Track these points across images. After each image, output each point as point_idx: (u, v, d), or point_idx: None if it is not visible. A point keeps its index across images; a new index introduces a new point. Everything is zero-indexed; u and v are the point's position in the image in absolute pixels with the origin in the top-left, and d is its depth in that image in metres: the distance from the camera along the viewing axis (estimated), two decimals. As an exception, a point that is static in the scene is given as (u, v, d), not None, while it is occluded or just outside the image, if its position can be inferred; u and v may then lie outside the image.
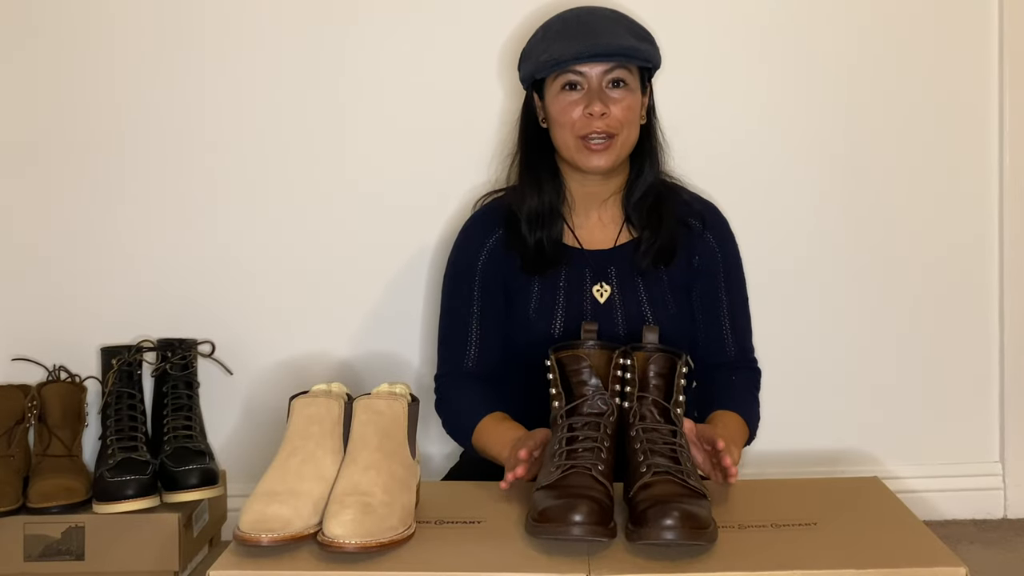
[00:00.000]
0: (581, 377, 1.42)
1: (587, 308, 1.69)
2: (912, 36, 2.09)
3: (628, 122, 1.65)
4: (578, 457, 1.34)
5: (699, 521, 1.24)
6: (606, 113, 1.62)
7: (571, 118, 1.63)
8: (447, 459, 2.01)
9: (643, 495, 1.29)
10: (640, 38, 1.67)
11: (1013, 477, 2.14)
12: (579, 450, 1.35)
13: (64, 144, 2.08)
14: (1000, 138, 2.10)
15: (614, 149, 1.64)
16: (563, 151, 1.68)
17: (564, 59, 1.62)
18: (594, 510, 1.25)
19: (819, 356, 2.13)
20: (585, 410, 1.40)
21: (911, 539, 1.32)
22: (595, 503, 1.26)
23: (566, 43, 1.62)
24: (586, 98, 1.62)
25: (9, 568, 1.72)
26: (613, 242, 1.73)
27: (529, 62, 1.69)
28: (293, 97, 2.07)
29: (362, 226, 2.09)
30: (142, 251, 2.09)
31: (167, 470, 1.79)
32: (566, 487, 1.30)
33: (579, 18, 1.67)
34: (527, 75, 1.70)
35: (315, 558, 1.27)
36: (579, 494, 1.28)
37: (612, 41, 1.61)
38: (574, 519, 1.24)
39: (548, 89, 1.67)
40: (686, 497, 1.27)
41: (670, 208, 1.72)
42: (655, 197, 1.72)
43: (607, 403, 1.40)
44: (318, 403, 1.42)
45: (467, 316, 1.73)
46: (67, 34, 2.06)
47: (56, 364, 1.99)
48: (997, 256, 2.12)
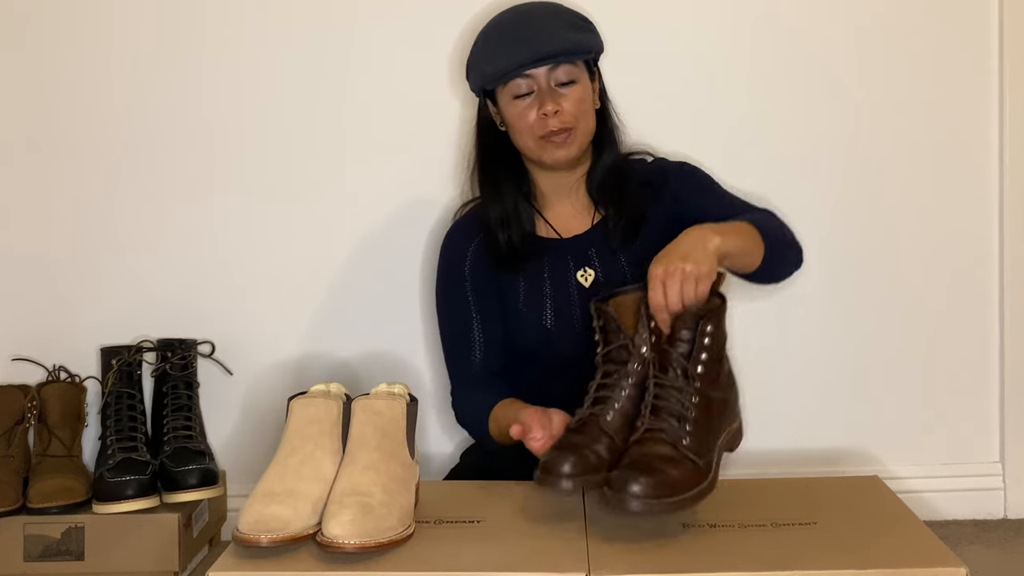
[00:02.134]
0: (616, 324, 1.44)
1: (574, 295, 1.70)
2: (912, 36, 2.09)
3: (582, 113, 1.66)
4: (598, 403, 1.40)
5: (671, 490, 1.27)
6: (559, 110, 1.63)
7: (527, 123, 1.65)
8: (447, 459, 2.01)
9: (630, 452, 1.32)
10: (578, 29, 1.67)
11: (1013, 477, 2.14)
12: (602, 396, 1.40)
13: (64, 144, 2.08)
14: (1000, 138, 2.10)
15: (575, 140, 1.66)
16: (526, 152, 1.70)
17: (508, 68, 1.63)
18: (584, 463, 1.31)
19: (819, 356, 2.13)
20: (615, 357, 1.43)
21: (911, 539, 1.33)
22: (584, 458, 1.32)
23: (507, 52, 1.63)
24: (538, 100, 1.64)
25: (9, 568, 1.72)
26: (589, 225, 1.74)
27: (475, 74, 1.70)
28: (292, 97, 2.07)
29: (360, 226, 2.09)
30: (142, 251, 2.09)
31: (167, 470, 1.79)
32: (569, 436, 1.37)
33: (515, 23, 1.67)
34: (476, 87, 1.72)
35: (314, 558, 1.28)
36: (574, 446, 1.34)
37: (552, 42, 1.62)
38: (563, 471, 1.31)
39: (500, 97, 1.68)
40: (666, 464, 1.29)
41: (631, 182, 1.73)
42: (616, 176, 1.73)
43: (633, 353, 1.41)
44: (317, 403, 1.42)
45: (468, 322, 1.74)
46: (67, 35, 2.06)
47: (56, 364, 1.99)
48: (997, 256, 2.12)
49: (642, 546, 1.30)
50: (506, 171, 1.74)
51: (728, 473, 1.91)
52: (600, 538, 1.33)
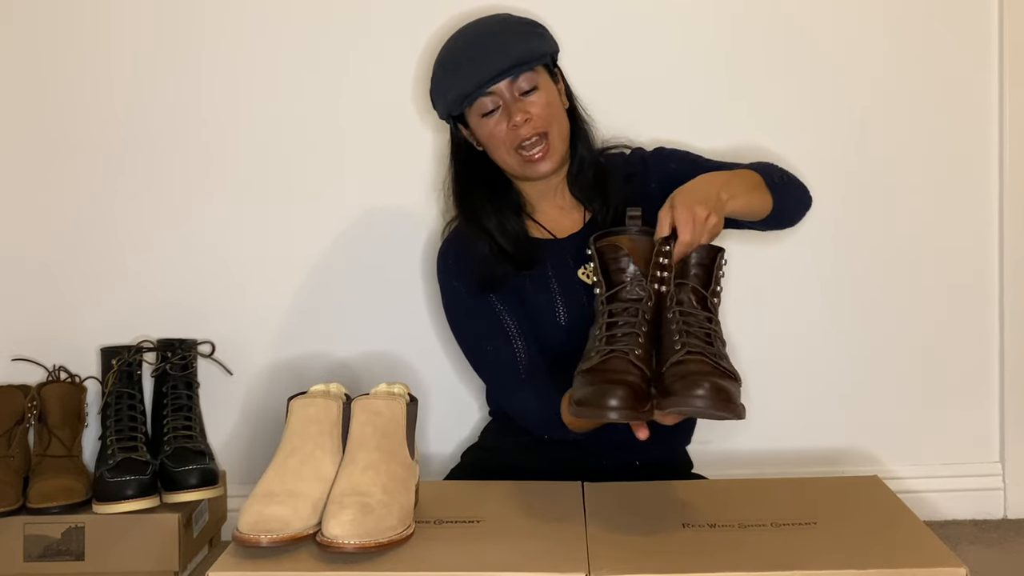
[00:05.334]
0: (619, 265, 1.45)
1: (580, 292, 1.70)
2: (912, 35, 2.09)
3: (553, 116, 1.67)
4: (617, 342, 1.38)
5: (728, 395, 1.28)
6: (529, 117, 1.64)
7: (501, 138, 1.66)
8: (447, 459, 2.01)
9: (675, 370, 1.32)
10: (528, 37, 1.67)
11: (1013, 477, 2.14)
12: (618, 335, 1.39)
13: (64, 144, 2.08)
14: (1000, 138, 2.10)
15: (553, 148, 1.67)
16: (508, 169, 1.71)
17: (469, 91, 1.64)
18: (628, 394, 1.29)
19: (819, 356, 2.13)
20: (624, 296, 1.43)
21: (911, 539, 1.33)
22: (630, 387, 1.30)
23: (464, 75, 1.65)
24: (505, 113, 1.65)
25: (9, 568, 1.72)
26: (582, 223, 1.75)
27: (439, 102, 1.71)
28: (293, 98, 2.07)
29: (360, 226, 2.09)
30: (142, 251, 2.09)
31: (167, 470, 1.79)
32: (603, 371, 1.34)
33: (467, 44, 1.68)
34: (443, 114, 1.73)
35: (314, 558, 1.28)
36: (614, 379, 1.32)
37: (506, 56, 1.63)
38: (610, 403, 1.29)
39: (469, 118, 1.70)
40: (718, 375, 1.30)
41: (613, 176, 1.73)
42: (594, 172, 1.74)
43: (645, 289, 1.42)
44: (316, 403, 1.42)
45: (500, 325, 1.70)
46: (67, 36, 2.06)
47: (56, 364, 1.99)
48: (997, 256, 2.12)
49: (642, 546, 1.31)
50: (483, 189, 1.74)
51: (728, 473, 1.93)
52: (600, 538, 1.33)
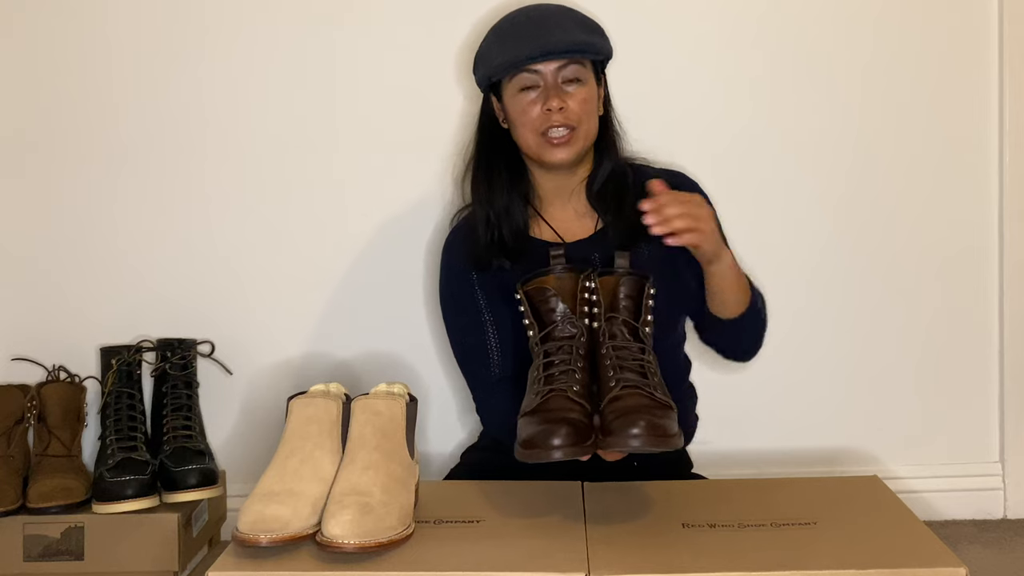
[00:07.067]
0: (549, 305, 1.47)
1: None
2: (912, 36, 2.09)
3: (586, 114, 1.66)
4: (555, 380, 1.40)
5: (663, 429, 1.31)
6: (564, 107, 1.63)
7: (530, 117, 1.65)
8: (447, 459, 2.01)
9: (612, 407, 1.35)
10: (590, 31, 1.67)
11: (1013, 477, 2.14)
12: (555, 374, 1.41)
13: (63, 144, 2.08)
14: (1000, 138, 2.10)
15: (576, 141, 1.66)
16: (526, 150, 1.70)
17: (517, 60, 1.63)
18: (571, 432, 1.32)
19: (819, 356, 2.13)
20: (556, 335, 1.45)
21: (911, 539, 1.32)
22: (572, 425, 1.33)
23: (518, 44, 1.64)
24: (543, 95, 1.64)
25: (9, 568, 1.72)
26: (593, 230, 1.74)
27: (483, 66, 1.70)
28: (293, 97, 2.07)
29: (361, 226, 2.09)
30: (142, 251, 2.09)
31: (167, 470, 1.79)
32: (545, 410, 1.37)
33: (528, 17, 1.68)
34: (483, 79, 1.72)
35: (314, 558, 1.28)
36: (557, 418, 1.34)
37: (563, 38, 1.63)
38: (554, 443, 1.32)
39: (505, 91, 1.68)
40: (652, 408, 1.33)
41: (631, 190, 1.72)
42: (615, 184, 1.73)
43: (576, 326, 1.45)
44: (316, 403, 1.42)
45: (480, 326, 1.71)
46: (67, 36, 2.06)
47: (56, 364, 1.99)
48: (997, 256, 2.12)
49: (642, 546, 1.30)
50: (502, 168, 1.73)
51: (728, 473, 1.93)
52: (600, 538, 1.33)
